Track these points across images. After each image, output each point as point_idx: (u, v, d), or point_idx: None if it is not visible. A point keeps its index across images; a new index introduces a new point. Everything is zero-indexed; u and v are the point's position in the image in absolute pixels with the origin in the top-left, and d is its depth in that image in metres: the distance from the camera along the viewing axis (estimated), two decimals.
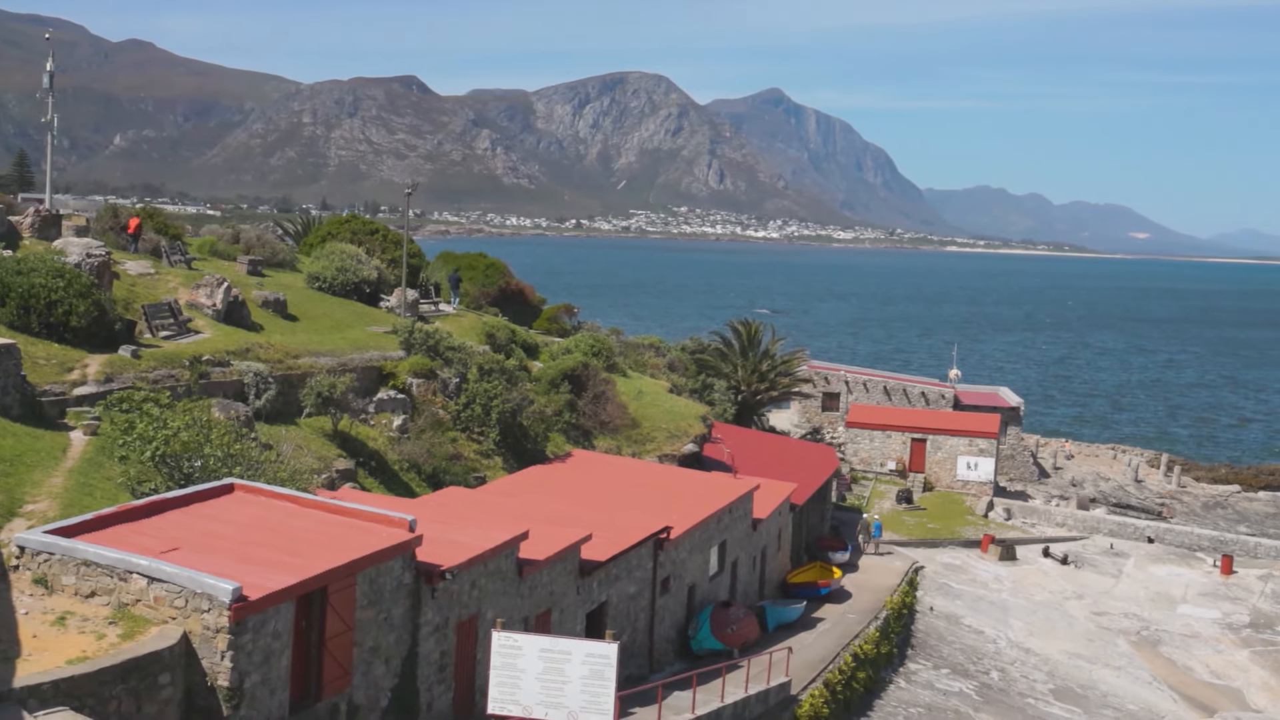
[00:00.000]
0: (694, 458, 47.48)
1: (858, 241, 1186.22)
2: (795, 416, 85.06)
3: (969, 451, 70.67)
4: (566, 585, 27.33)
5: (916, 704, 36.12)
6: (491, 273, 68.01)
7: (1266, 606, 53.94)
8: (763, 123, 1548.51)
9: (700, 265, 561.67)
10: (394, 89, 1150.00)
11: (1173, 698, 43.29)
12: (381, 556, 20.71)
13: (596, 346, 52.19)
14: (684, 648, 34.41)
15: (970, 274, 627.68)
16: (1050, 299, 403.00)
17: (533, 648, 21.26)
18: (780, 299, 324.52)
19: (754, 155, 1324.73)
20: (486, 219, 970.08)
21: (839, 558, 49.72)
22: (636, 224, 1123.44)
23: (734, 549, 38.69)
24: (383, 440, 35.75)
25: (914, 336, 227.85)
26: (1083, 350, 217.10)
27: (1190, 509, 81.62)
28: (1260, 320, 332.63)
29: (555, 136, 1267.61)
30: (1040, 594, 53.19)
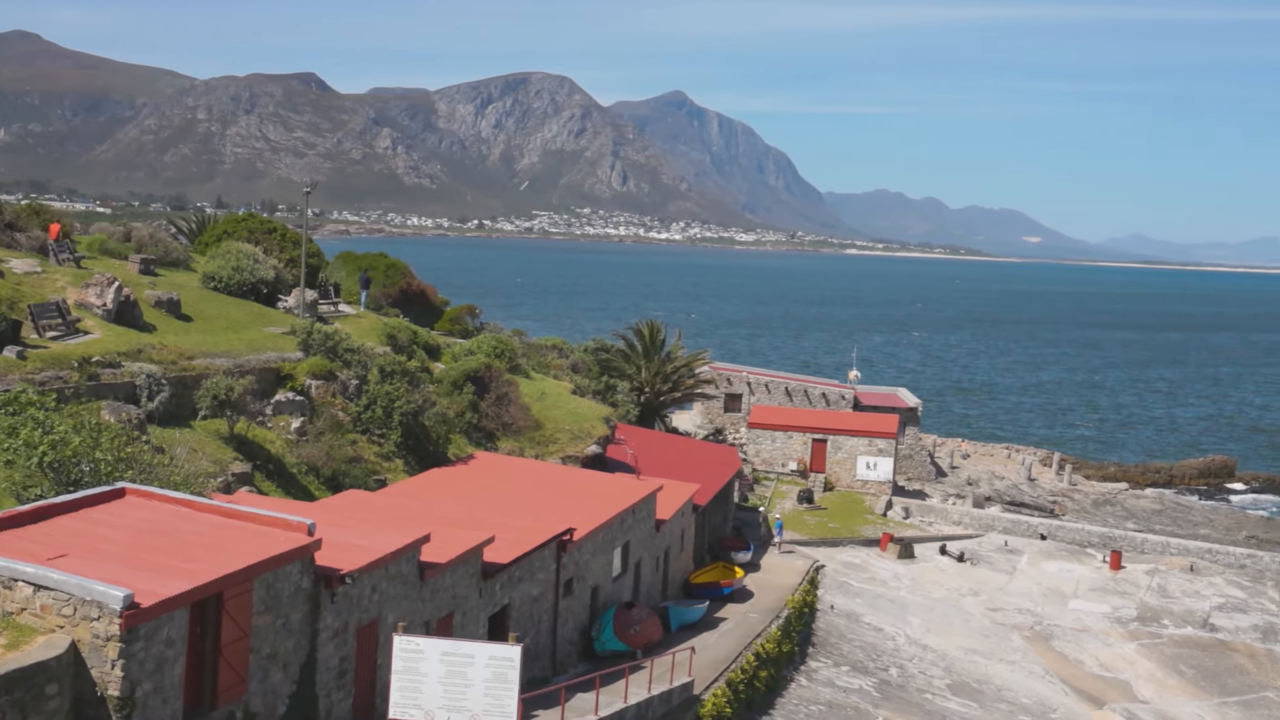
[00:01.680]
0: (597, 459, 47.46)
1: (760, 244, 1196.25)
2: (698, 417, 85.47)
3: (868, 451, 71.59)
4: (469, 588, 27.12)
5: (818, 701, 36.48)
6: (393, 273, 67.30)
7: (1153, 600, 55.44)
8: (665, 125, 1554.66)
9: (604, 267, 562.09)
10: (292, 86, 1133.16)
11: (1064, 690, 44.30)
12: (279, 561, 20.36)
13: (499, 348, 51.90)
14: (587, 649, 34.36)
15: (869, 276, 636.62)
16: (944, 301, 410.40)
17: (435, 651, 21.05)
18: (683, 301, 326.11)
19: (657, 157, 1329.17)
20: (387, 219, 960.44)
21: (741, 557, 50.03)
22: (539, 225, 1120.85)
23: (637, 550, 38.73)
24: (281, 443, 35.16)
25: (815, 338, 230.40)
26: (978, 351, 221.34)
27: (1081, 506, 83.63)
28: (1146, 323, 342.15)
29: (457, 136, 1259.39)
30: (938, 591, 54.06)
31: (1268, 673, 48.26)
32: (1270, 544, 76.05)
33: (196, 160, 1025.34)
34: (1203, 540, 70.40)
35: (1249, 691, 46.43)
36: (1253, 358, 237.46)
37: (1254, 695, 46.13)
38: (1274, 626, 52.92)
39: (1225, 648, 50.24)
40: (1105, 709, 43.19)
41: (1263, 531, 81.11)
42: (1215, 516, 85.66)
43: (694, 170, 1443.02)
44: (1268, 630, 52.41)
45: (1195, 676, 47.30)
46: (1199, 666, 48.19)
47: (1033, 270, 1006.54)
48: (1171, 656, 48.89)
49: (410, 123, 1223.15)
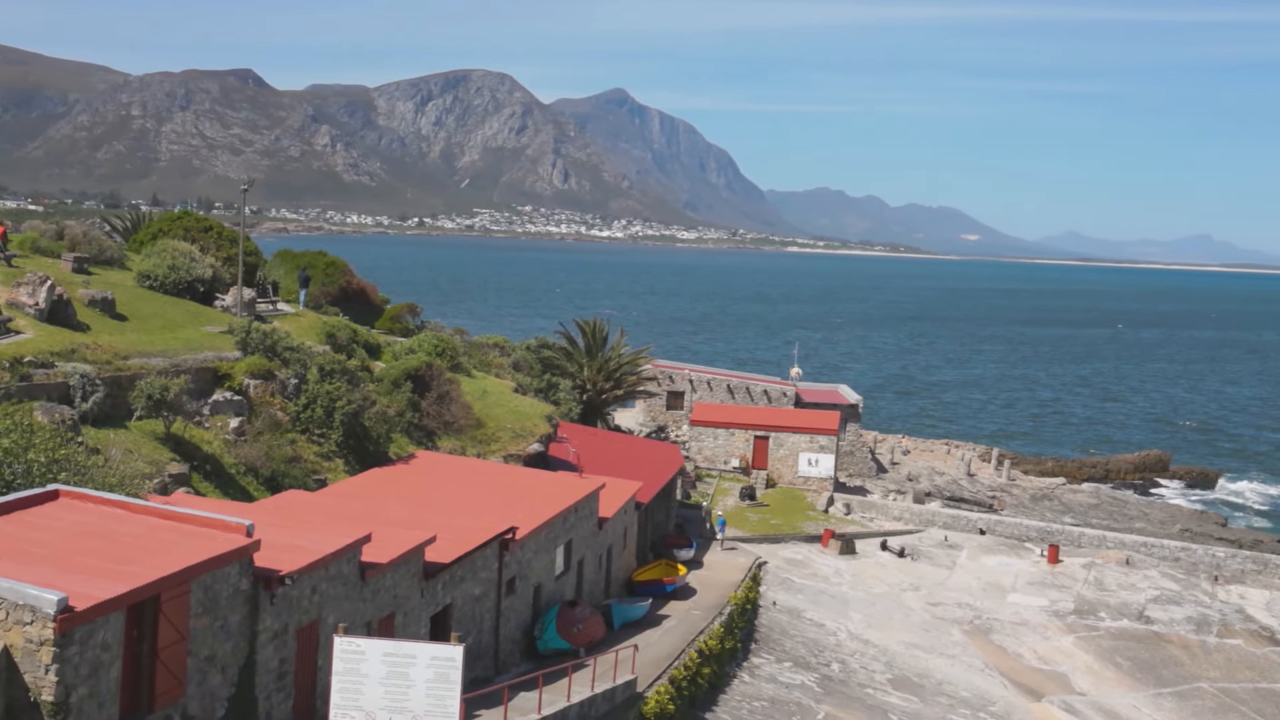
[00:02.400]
0: (539, 457, 47.34)
1: (701, 241, 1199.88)
2: (640, 415, 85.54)
3: (810, 448, 71.98)
4: (410, 588, 26.94)
5: (760, 697, 36.63)
6: (332, 271, 66.72)
7: (1089, 594, 56.22)
8: (607, 123, 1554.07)
9: (546, 264, 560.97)
10: (229, 82, 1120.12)
11: (1003, 683, 44.80)
12: (217, 563, 20.12)
13: (440, 346, 51.61)
14: (530, 648, 34.26)
15: (810, 273, 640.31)
16: (885, 298, 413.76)
17: (375, 652, 20.89)
18: (626, 298, 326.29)
19: (598, 155, 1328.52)
20: (326, 216, 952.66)
21: (684, 555, 50.11)
22: (480, 223, 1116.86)
23: (580, 548, 38.68)
24: (218, 443, 34.74)
25: (756, 335, 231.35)
26: (918, 347, 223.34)
27: (1019, 501, 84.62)
28: (1082, 320, 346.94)
29: (397, 133, 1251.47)
30: (879, 586, 54.48)
31: (1201, 664, 49.11)
32: (1203, 537, 77.43)
33: (131, 157, 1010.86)
34: (1138, 534, 71.50)
35: (1183, 682, 47.23)
36: (1185, 354, 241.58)
37: (1188, 686, 46.93)
38: (1207, 618, 53.86)
39: (1160, 639, 51.06)
40: (1043, 701, 43.74)
41: (1196, 525, 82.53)
42: (1150, 510, 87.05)
43: (635, 168, 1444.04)
44: (1201, 622, 53.33)
45: (1131, 668, 48.03)
46: (1135, 658, 48.94)
47: (971, 268, 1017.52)
48: (1108, 649, 49.62)
49: (349, 120, 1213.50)
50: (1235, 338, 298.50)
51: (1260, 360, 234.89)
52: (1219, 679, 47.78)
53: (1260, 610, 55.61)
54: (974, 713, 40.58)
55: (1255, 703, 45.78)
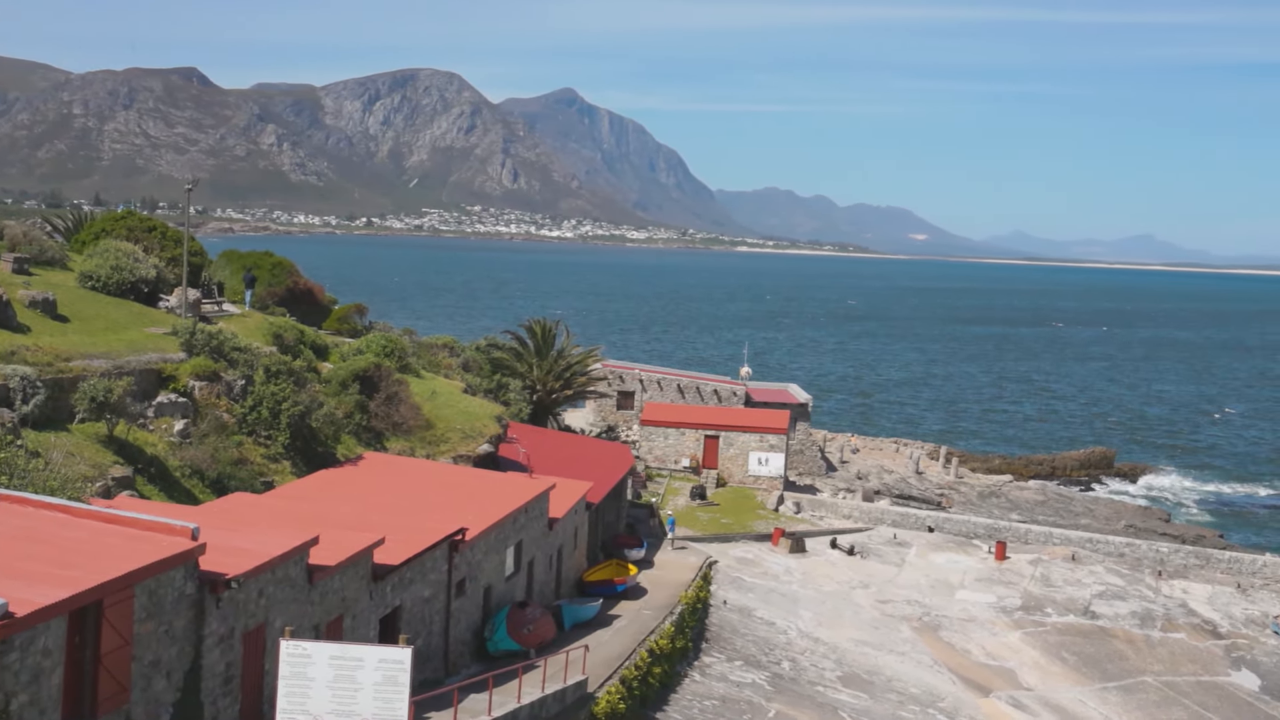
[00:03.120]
0: (489, 458, 47.15)
1: (651, 241, 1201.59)
2: (591, 415, 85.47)
3: (760, 447, 72.21)
4: (359, 590, 26.74)
5: (711, 696, 36.68)
6: (279, 272, 66.09)
7: (1036, 590, 56.79)
8: (556, 122, 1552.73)
9: (495, 264, 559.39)
10: (172, 81, 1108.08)
11: (952, 680, 45.15)
12: (161, 567, 19.85)
13: (389, 347, 51.26)
14: (480, 649, 34.12)
15: (759, 273, 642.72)
16: (835, 298, 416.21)
17: (323, 655, 20.70)
18: (576, 298, 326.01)
19: (548, 155, 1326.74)
20: (273, 216, 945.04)
21: (635, 555, 50.10)
22: (429, 223, 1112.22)
23: (530, 549, 38.57)
24: (163, 446, 34.29)
25: (706, 334, 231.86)
26: (867, 347, 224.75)
27: (967, 499, 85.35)
28: (1028, 319, 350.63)
29: (345, 133, 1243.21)
30: (829, 584, 54.74)
31: (1145, 658, 49.75)
32: (1148, 532, 78.47)
33: (73, 156, 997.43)
34: (1084, 530, 72.32)
35: (1128, 676, 47.82)
36: (1128, 352, 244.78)
37: (1132, 680, 47.52)
38: (1151, 613, 54.57)
39: (1105, 634, 51.67)
40: (991, 697, 44.13)
41: (1140, 520, 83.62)
42: (1095, 506, 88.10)
43: (585, 168, 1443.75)
44: (1145, 616, 54.02)
45: (1077, 663, 48.56)
46: (1081, 653, 49.48)
47: (919, 267, 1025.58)
48: (1055, 644, 50.14)
49: (296, 119, 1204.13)
50: (1178, 336, 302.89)
51: (1202, 358, 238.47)
52: (1163, 672, 48.42)
53: (1202, 604, 56.42)
54: (923, 709, 40.87)
55: (1198, 695, 46.44)
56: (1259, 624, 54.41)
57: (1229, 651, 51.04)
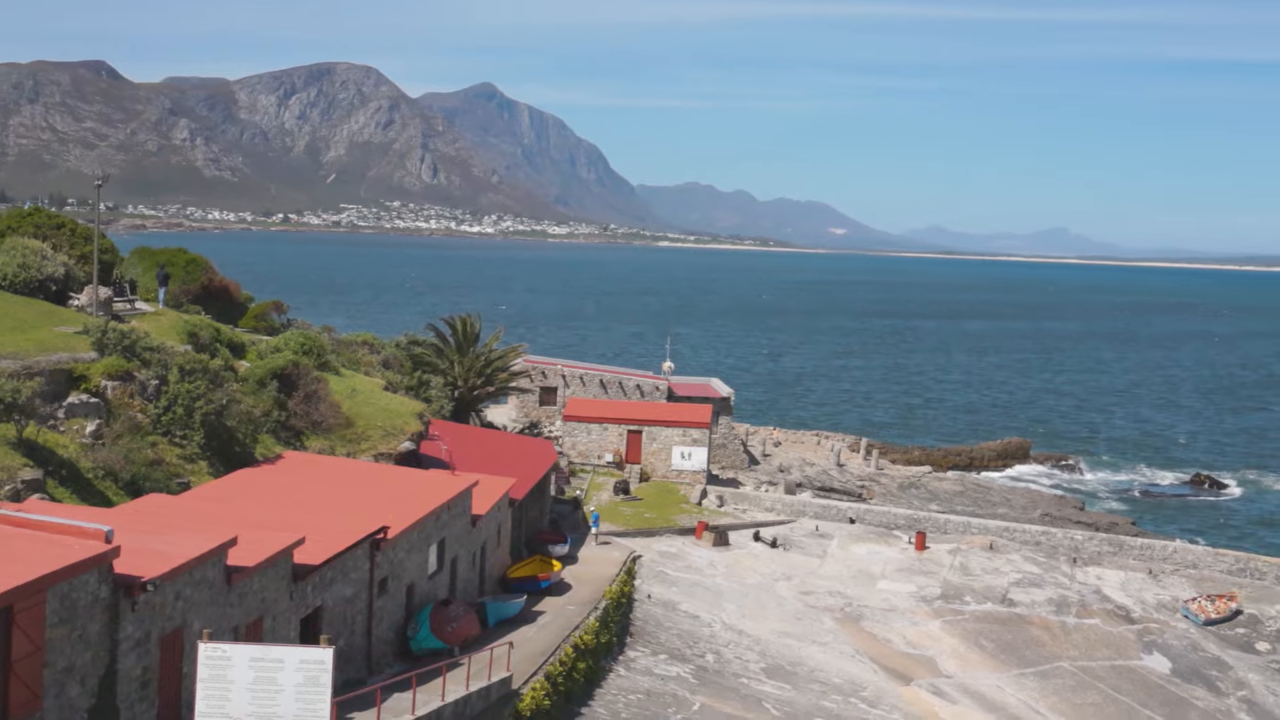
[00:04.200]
0: (411, 456, 46.77)
1: (572, 236, 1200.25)
2: (513, 411, 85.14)
3: (683, 442, 72.42)
4: (279, 591, 26.39)
5: (636, 690, 36.74)
6: (193, 269, 64.97)
7: (955, 579, 57.61)
8: (476, 117, 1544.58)
9: (415, 261, 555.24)
10: (80, 74, 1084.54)
11: (874, 669, 45.66)
12: (73, 570, 19.43)
13: (307, 344, 50.62)
14: (404, 648, 33.85)
15: (681, 267, 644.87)
16: (757, 292, 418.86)
17: (242, 657, 20.43)
18: (497, 294, 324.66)
19: (467, 150, 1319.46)
20: (187, 213, 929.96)
21: (559, 550, 50.01)
22: (347, 219, 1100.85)
23: (453, 546, 38.33)
24: (74, 447, 33.56)
25: (629, 329, 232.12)
26: (789, 340, 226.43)
27: (888, 490, 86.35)
28: (944, 312, 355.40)
29: (259, 127, 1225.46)
30: (752, 577, 55.06)
31: (1061, 644, 50.68)
32: (1062, 521, 79.96)
33: None
34: (1001, 519, 73.51)
35: (1044, 662, 48.69)
36: (1041, 344, 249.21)
37: (1049, 665, 48.40)
38: (1066, 599, 55.60)
39: (1023, 621, 52.56)
40: (912, 685, 44.69)
41: (1055, 509, 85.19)
42: (1012, 496, 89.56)
43: (505, 163, 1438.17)
44: (1061, 603, 55.03)
45: (995, 650, 49.35)
46: (999, 640, 50.29)
47: (839, 261, 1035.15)
48: (973, 632, 50.90)
49: (209, 113, 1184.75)
50: (1091, 328, 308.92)
51: (1114, 349, 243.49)
52: (1078, 658, 49.38)
53: (1116, 590, 57.61)
54: (845, 698, 41.28)
55: (1112, 680, 47.43)
56: (1170, 609, 55.69)
57: (1141, 636, 52.17)
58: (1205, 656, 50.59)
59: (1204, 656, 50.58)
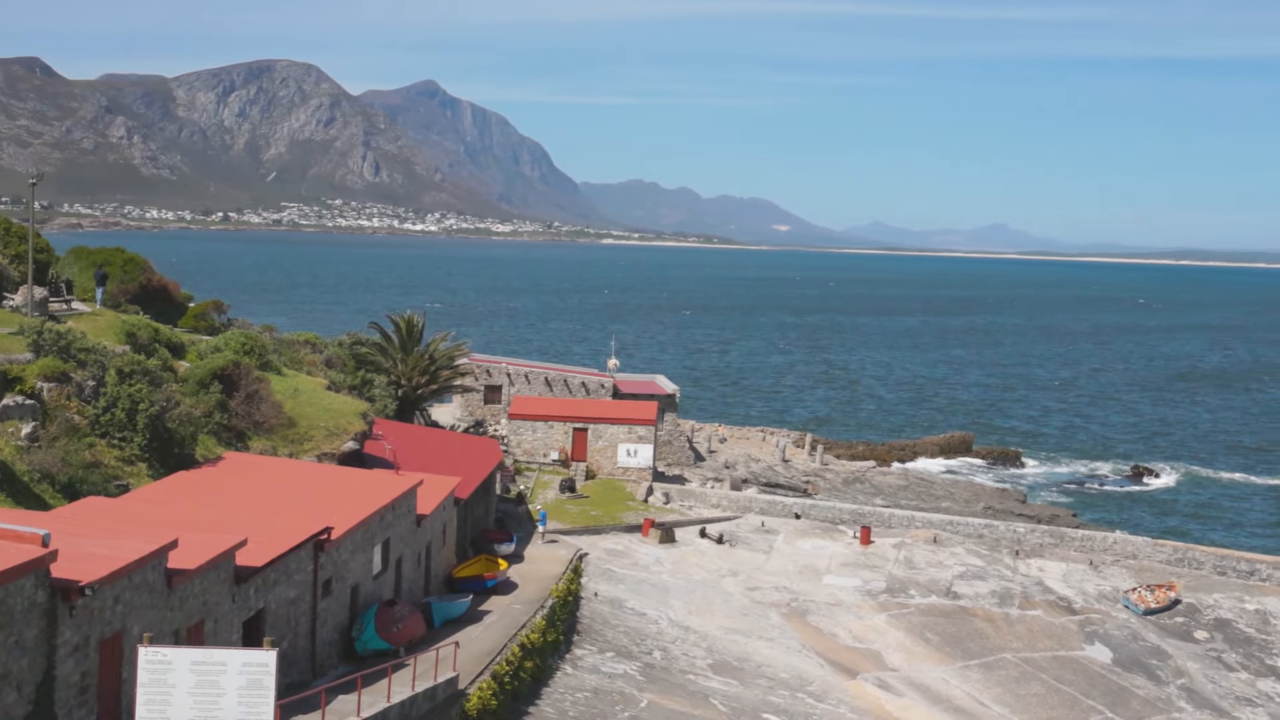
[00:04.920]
0: (355, 455, 46.39)
1: (516, 234, 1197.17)
2: (458, 410, 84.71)
3: (629, 439, 72.42)
4: (221, 594, 26.06)
5: (583, 689, 36.68)
6: (131, 269, 64.07)
7: (900, 573, 58.05)
8: (418, 115, 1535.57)
9: (358, 259, 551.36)
10: (13, 71, 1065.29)
11: (820, 663, 45.90)
12: (9, 575, 19.07)
13: (248, 344, 50.06)
14: (348, 650, 33.57)
15: (625, 265, 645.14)
16: (701, 289, 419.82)
17: (184, 661, 20.14)
18: (441, 293, 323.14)
19: (410, 148, 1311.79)
20: (124, 212, 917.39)
21: (504, 549, 49.84)
22: (289, 217, 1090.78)
23: (398, 547, 38.07)
24: (9, 450, 32.96)
25: (574, 327, 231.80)
26: (733, 337, 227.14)
27: (832, 485, 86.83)
28: (887, 308, 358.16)
29: (198, 125, 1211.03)
30: (698, 574, 55.16)
31: (1004, 635, 51.22)
32: (1005, 514, 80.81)
33: None
34: (945, 513, 74.16)
35: (988, 654, 49.18)
36: (983, 338, 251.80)
37: (993, 657, 48.89)
38: (1009, 591, 56.20)
39: (966, 614, 53.06)
40: (858, 679, 44.98)
41: (998, 502, 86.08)
42: (955, 490, 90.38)
43: (448, 160, 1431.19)
44: (1004, 595, 55.61)
45: (940, 643, 49.77)
46: (943, 633, 50.73)
47: (783, 258, 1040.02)
48: (918, 625, 51.31)
49: (147, 111, 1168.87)
50: (1030, 323, 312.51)
51: (1052, 343, 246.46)
52: (1021, 649, 49.92)
53: (1058, 582, 58.31)
54: (792, 693, 41.46)
55: (1054, 670, 48.00)
56: (1110, 599, 56.44)
57: (1083, 626, 52.84)
58: (1145, 646, 51.34)
59: (1144, 646, 51.32)
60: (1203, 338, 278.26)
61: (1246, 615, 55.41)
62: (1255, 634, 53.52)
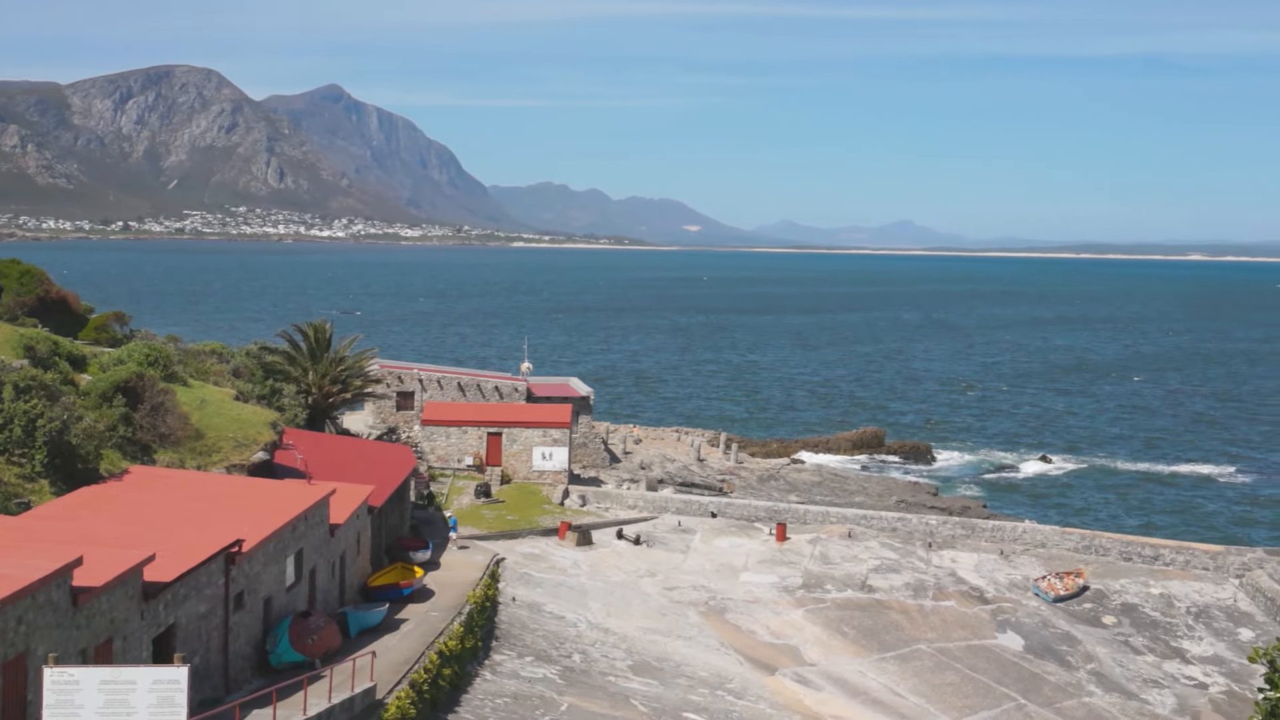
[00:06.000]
0: (265, 466, 45.65)
1: (426, 239, 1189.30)
2: (370, 418, 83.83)
3: (543, 442, 72.21)
4: (129, 611, 25.47)
5: (503, 694, 36.47)
6: (27, 281, 62.51)
7: (816, 568, 58.56)
8: (323, 119, 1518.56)
9: (265, 267, 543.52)
10: None
11: (739, 661, 46.13)
12: None
13: (152, 355, 49.02)
14: (263, 663, 33.02)
15: (537, 268, 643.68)
16: (612, 291, 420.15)
17: (92, 681, 19.66)
18: (350, 299, 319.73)
19: (315, 153, 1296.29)
20: (19, 222, 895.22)
21: (420, 557, 49.41)
22: (192, 225, 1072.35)
23: (311, 557, 37.52)
24: None
25: (486, 331, 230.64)
26: (646, 338, 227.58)
27: (748, 483, 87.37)
28: (796, 306, 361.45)
29: (95, 133, 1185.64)
30: (616, 575, 55.16)
31: (919, 627, 51.90)
32: (917, 507, 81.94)
33: None
34: (858, 508, 75.00)
35: (904, 645, 49.80)
36: (891, 334, 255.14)
37: (908, 648, 49.51)
38: (923, 583, 56.97)
39: (882, 606, 53.68)
40: (777, 674, 45.27)
41: (910, 496, 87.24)
42: (868, 484, 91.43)
43: (355, 165, 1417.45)
44: (918, 587, 56.36)
45: (856, 636, 50.29)
46: (859, 626, 51.27)
47: (693, 258, 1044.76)
48: (835, 619, 51.80)
49: (40, 119, 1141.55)
50: (936, 317, 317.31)
51: (961, 339, 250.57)
52: (936, 639, 50.62)
53: (970, 572, 59.24)
54: (712, 691, 41.61)
55: (969, 659, 48.74)
56: (1021, 588, 57.47)
57: (995, 615, 53.74)
58: (1056, 632, 52.34)
59: (1054, 632, 52.32)
60: (1102, 330, 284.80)
61: (1151, 599, 56.78)
62: (1160, 617, 54.85)
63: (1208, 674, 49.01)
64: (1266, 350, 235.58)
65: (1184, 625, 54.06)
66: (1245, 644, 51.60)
